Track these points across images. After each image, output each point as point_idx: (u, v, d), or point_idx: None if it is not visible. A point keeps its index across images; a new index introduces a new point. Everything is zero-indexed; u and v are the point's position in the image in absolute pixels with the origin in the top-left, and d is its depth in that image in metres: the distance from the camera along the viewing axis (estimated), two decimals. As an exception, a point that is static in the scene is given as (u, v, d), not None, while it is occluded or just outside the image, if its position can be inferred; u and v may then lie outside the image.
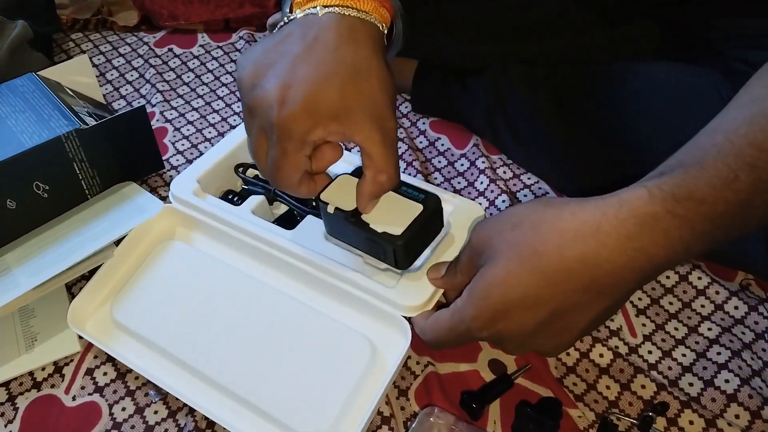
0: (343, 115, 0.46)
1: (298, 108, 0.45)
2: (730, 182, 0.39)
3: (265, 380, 0.55)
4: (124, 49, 0.99)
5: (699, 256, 0.43)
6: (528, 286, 0.42)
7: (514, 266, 0.43)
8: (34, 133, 0.67)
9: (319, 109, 0.46)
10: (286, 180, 0.50)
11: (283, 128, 0.46)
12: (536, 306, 0.43)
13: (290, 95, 0.46)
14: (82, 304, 0.61)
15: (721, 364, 0.59)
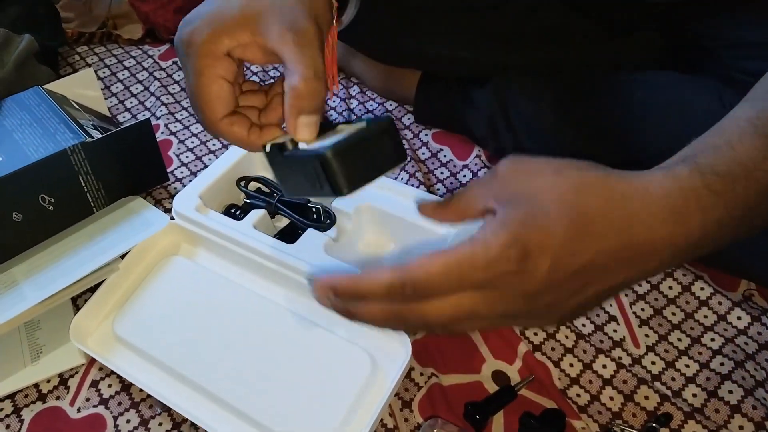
0: (251, 21, 0.45)
1: (201, 22, 0.45)
2: (759, 162, 0.38)
3: (266, 394, 0.55)
4: (128, 62, 1.00)
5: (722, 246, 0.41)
6: (566, 233, 0.37)
7: (556, 209, 0.37)
8: (40, 146, 0.67)
9: (224, 19, 0.45)
10: (207, 111, 0.46)
11: (188, 44, 0.45)
12: (568, 257, 0.37)
13: (196, 14, 0.46)
14: (84, 319, 0.62)
15: (724, 374, 0.59)
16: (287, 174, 0.47)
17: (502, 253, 0.36)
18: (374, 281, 0.37)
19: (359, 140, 0.43)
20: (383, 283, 0.37)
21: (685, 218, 0.38)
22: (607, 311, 0.64)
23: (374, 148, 0.44)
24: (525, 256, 0.36)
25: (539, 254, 0.36)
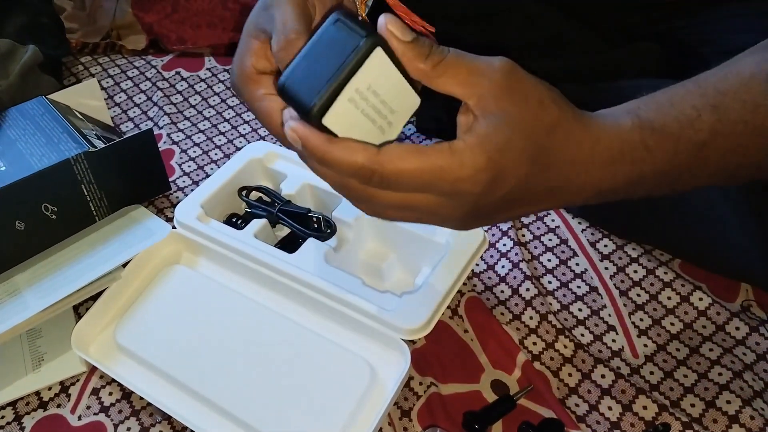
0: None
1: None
2: (693, 120, 0.41)
3: (265, 403, 0.55)
4: (132, 72, 1.00)
5: (640, 198, 0.44)
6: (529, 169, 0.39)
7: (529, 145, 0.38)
8: (44, 155, 0.68)
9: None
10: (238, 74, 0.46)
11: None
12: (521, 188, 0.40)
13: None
14: (86, 328, 0.62)
15: (722, 385, 0.59)
16: None
17: (474, 175, 0.37)
18: (345, 158, 0.37)
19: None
20: (353, 164, 0.37)
21: (616, 168, 0.41)
22: (606, 321, 0.65)
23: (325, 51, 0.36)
24: (492, 183, 0.38)
25: (503, 184, 0.38)
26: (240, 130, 0.91)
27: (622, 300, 0.66)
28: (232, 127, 0.91)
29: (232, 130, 0.91)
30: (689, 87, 0.42)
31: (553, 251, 0.71)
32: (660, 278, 0.67)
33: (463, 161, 0.37)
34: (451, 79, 0.38)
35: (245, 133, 0.90)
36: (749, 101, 0.41)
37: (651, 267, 0.68)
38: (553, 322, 0.64)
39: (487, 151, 0.37)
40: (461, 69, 0.38)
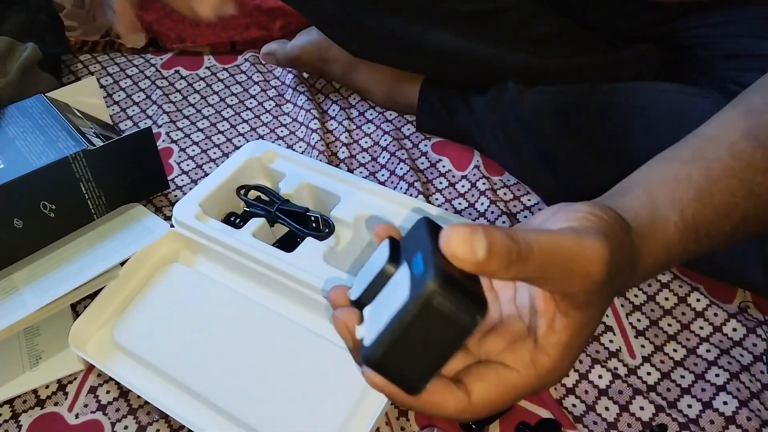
0: None
1: None
2: (730, 211, 0.41)
3: (263, 402, 0.56)
4: (131, 70, 1.00)
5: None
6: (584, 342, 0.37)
7: (598, 319, 0.37)
8: (42, 153, 0.68)
9: None
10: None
11: None
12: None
13: None
14: (83, 326, 0.62)
15: (719, 386, 0.59)
16: None
17: (555, 379, 0.36)
18: (438, 411, 0.35)
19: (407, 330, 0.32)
20: (447, 411, 0.35)
21: (656, 273, 0.42)
22: (603, 321, 0.65)
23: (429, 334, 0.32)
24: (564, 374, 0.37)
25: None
26: (239, 129, 0.91)
27: (619, 301, 0.66)
28: (230, 126, 0.91)
29: (231, 129, 0.91)
30: (726, 160, 0.41)
31: (551, 252, 0.71)
32: (658, 279, 0.67)
33: (552, 379, 0.35)
34: (541, 279, 0.33)
35: (244, 132, 0.90)
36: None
37: (649, 268, 0.68)
38: (550, 323, 0.64)
39: (573, 358, 0.36)
40: (553, 263, 0.32)
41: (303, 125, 0.90)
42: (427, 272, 0.30)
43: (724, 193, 0.41)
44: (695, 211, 0.40)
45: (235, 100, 0.95)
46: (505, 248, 0.30)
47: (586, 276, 0.32)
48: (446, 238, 0.30)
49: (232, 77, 0.99)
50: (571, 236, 0.32)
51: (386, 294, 0.34)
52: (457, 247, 0.29)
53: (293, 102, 0.94)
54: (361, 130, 0.89)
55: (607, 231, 0.34)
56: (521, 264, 0.30)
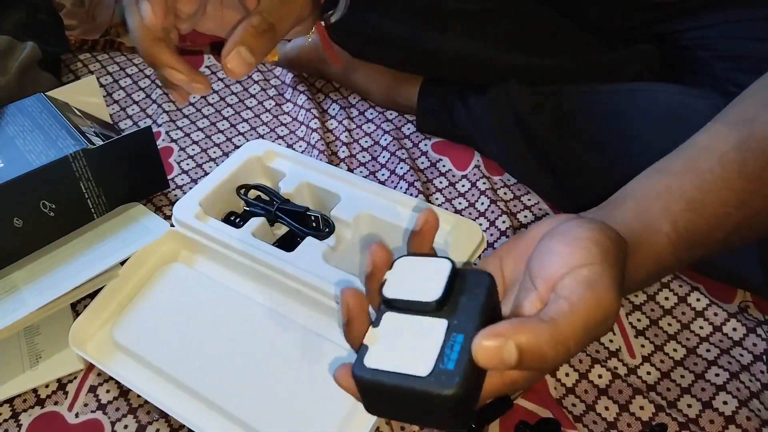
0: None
1: None
2: (722, 222, 0.41)
3: (262, 401, 0.56)
4: (131, 69, 1.00)
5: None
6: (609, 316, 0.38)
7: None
8: (42, 152, 0.68)
9: None
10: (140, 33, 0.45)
11: None
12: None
13: None
14: (83, 325, 0.62)
15: (719, 385, 0.59)
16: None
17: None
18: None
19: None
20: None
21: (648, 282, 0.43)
22: (604, 321, 0.65)
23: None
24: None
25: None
26: (239, 128, 0.91)
27: (619, 300, 0.66)
28: (231, 125, 0.91)
29: (231, 129, 0.91)
30: (717, 171, 0.42)
31: (551, 251, 0.71)
32: (657, 279, 0.67)
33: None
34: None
35: (244, 132, 0.90)
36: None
37: (649, 267, 0.68)
38: (550, 322, 0.64)
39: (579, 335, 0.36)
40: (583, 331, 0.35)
41: (303, 124, 0.90)
42: (454, 372, 0.32)
43: (716, 203, 0.41)
44: (687, 222, 0.41)
45: (235, 99, 0.95)
46: (538, 354, 0.32)
47: (608, 327, 0.36)
48: (475, 349, 0.32)
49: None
50: (591, 303, 0.34)
51: (412, 334, 0.35)
52: (485, 361, 0.31)
53: (293, 101, 0.94)
54: (361, 130, 0.89)
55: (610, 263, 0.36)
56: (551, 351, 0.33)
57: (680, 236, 0.41)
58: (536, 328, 0.33)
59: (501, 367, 0.32)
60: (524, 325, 0.32)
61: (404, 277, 0.38)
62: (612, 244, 0.37)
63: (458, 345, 0.34)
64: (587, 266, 0.36)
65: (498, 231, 0.73)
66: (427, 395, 0.32)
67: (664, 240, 0.41)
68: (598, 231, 0.37)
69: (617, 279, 0.36)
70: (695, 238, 0.41)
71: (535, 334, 0.32)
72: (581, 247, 0.36)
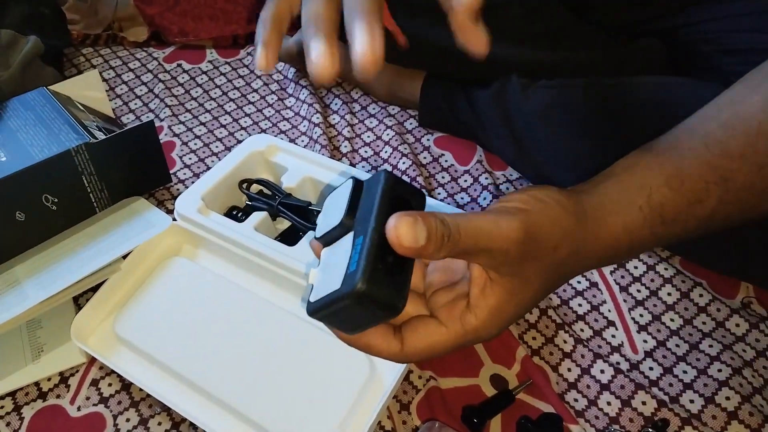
0: None
1: None
2: (702, 198, 0.41)
3: (265, 395, 0.56)
4: (133, 64, 1.00)
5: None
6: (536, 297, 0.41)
7: (543, 289, 0.40)
8: (44, 146, 0.68)
9: None
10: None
11: None
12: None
13: None
14: (85, 319, 0.62)
15: (721, 381, 0.59)
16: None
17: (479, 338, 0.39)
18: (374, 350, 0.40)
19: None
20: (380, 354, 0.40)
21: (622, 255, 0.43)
22: (606, 316, 0.65)
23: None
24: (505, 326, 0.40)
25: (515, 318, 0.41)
26: (241, 122, 0.90)
27: (622, 296, 0.66)
28: (233, 119, 0.91)
29: (234, 123, 0.90)
30: (699, 149, 0.42)
31: (553, 246, 0.71)
32: (660, 274, 0.67)
33: (478, 336, 0.39)
34: (468, 255, 0.37)
35: (246, 126, 0.90)
36: (756, 163, 0.41)
37: (651, 263, 0.68)
38: (552, 317, 0.64)
39: (501, 323, 0.39)
40: (475, 244, 0.36)
41: (305, 119, 0.89)
42: (356, 271, 0.34)
43: (695, 179, 0.42)
44: (662, 197, 0.42)
45: (238, 93, 0.95)
46: (440, 234, 0.34)
47: (504, 252, 0.36)
48: (394, 228, 0.33)
49: (234, 71, 0.99)
50: (491, 218, 0.36)
51: (333, 257, 0.38)
52: (405, 237, 0.33)
53: (295, 96, 0.94)
54: (363, 125, 0.89)
55: (535, 211, 0.38)
56: (451, 245, 0.34)
57: (653, 210, 0.42)
58: (437, 213, 0.34)
59: (413, 244, 0.33)
60: (428, 212, 0.34)
61: (326, 213, 0.40)
62: (552, 202, 0.39)
63: (359, 247, 0.35)
64: (512, 206, 0.38)
65: (500, 226, 0.73)
66: (347, 303, 0.34)
67: (636, 212, 0.42)
68: (543, 190, 0.40)
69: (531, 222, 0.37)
70: (670, 213, 0.42)
71: (438, 221, 0.34)
72: (519, 198, 0.39)
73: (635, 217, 0.42)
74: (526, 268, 0.38)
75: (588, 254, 0.41)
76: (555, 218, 0.39)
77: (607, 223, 0.42)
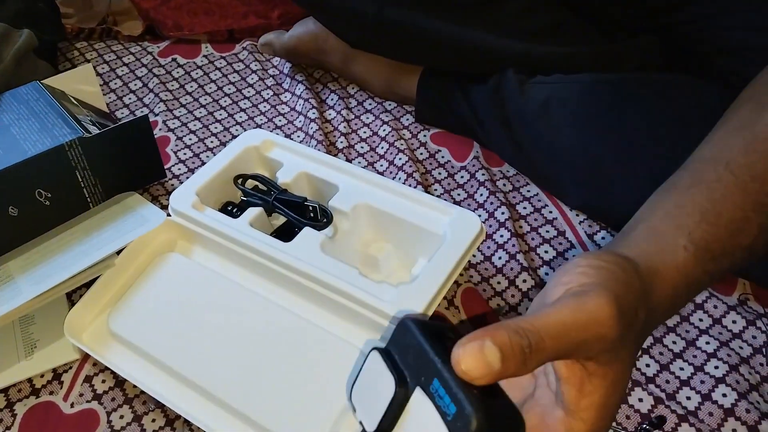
0: None
1: None
2: (742, 227, 0.40)
3: (259, 392, 0.55)
4: (128, 58, 1.00)
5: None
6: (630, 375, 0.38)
7: (633, 363, 0.38)
8: (38, 140, 0.67)
9: None
10: None
11: None
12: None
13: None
14: (79, 315, 0.61)
15: (718, 378, 0.59)
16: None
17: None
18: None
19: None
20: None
21: (682, 302, 0.41)
22: (603, 313, 0.64)
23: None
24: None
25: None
26: (236, 117, 0.90)
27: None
28: (228, 114, 0.90)
29: (229, 118, 0.90)
30: (726, 178, 0.41)
31: (550, 243, 0.71)
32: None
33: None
34: (562, 356, 0.33)
35: (242, 121, 0.89)
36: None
37: (648, 260, 0.68)
38: (549, 314, 0.64)
39: (611, 417, 0.36)
40: (567, 341, 0.32)
41: (301, 114, 0.89)
42: (460, 412, 0.30)
43: (732, 209, 0.40)
44: (704, 233, 0.40)
45: (233, 88, 0.95)
46: (518, 348, 0.30)
47: (602, 338, 0.32)
48: (458, 362, 0.29)
49: (229, 66, 0.99)
50: (574, 306, 0.32)
51: (414, 428, 0.33)
52: (473, 369, 0.29)
53: (291, 91, 0.93)
54: (359, 120, 0.88)
55: (607, 279, 0.34)
56: (537, 356, 0.30)
57: (698, 248, 0.40)
58: (509, 324, 0.31)
59: (487, 372, 0.29)
60: (497, 325, 0.31)
61: (366, 403, 0.37)
62: (614, 266, 0.36)
63: (442, 389, 0.31)
64: (580, 285, 0.34)
65: (497, 222, 0.73)
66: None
67: (682, 253, 0.40)
68: (595, 257, 0.36)
69: (614, 293, 0.33)
70: (716, 247, 0.40)
71: (512, 333, 0.30)
72: (578, 273, 0.35)
73: (684, 257, 0.39)
74: (622, 349, 0.34)
75: (657, 309, 0.38)
76: (625, 282, 0.35)
77: (659, 271, 0.39)
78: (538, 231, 0.72)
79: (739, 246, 0.41)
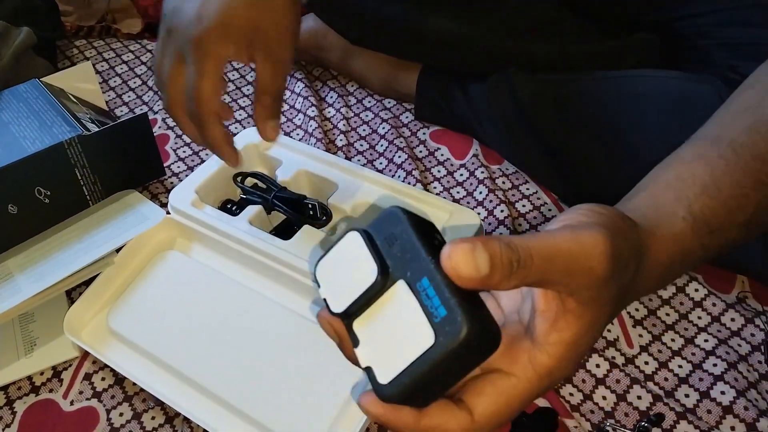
0: (252, 34, 0.52)
1: (214, 23, 0.51)
2: (741, 203, 0.40)
3: (258, 390, 0.55)
4: (127, 56, 0.99)
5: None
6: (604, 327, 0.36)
7: (611, 317, 0.36)
8: (37, 138, 0.67)
9: (232, 25, 0.52)
10: (206, 105, 0.53)
11: (200, 43, 0.51)
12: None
13: (205, 13, 0.51)
14: (78, 312, 0.62)
15: (717, 375, 0.59)
16: None
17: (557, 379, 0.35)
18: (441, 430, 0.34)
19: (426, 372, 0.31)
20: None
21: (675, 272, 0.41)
22: (602, 311, 0.65)
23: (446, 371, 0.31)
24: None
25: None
26: (236, 115, 0.90)
27: (617, 290, 0.66)
28: (227, 112, 0.90)
29: (228, 116, 0.90)
30: (728, 156, 0.41)
31: (549, 241, 0.71)
32: (656, 269, 0.67)
33: (554, 379, 0.34)
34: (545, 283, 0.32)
35: (241, 119, 0.89)
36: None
37: (647, 257, 0.68)
38: (548, 312, 0.64)
39: (578, 358, 0.35)
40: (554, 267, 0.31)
41: (300, 112, 0.89)
42: (450, 315, 0.29)
43: (731, 186, 0.41)
44: (703, 206, 0.40)
45: (232, 86, 0.95)
46: (506, 259, 0.29)
47: (588, 271, 0.31)
48: (448, 258, 0.29)
49: (229, 64, 0.98)
50: (568, 234, 0.32)
51: (384, 323, 0.32)
52: (462, 266, 0.29)
53: (290, 88, 0.93)
54: (359, 118, 0.88)
55: (606, 223, 0.34)
56: (523, 272, 0.30)
57: (697, 220, 0.40)
58: (502, 237, 0.30)
59: (475, 273, 0.29)
60: (490, 236, 0.30)
61: (334, 281, 0.35)
62: (614, 215, 0.35)
63: (432, 290, 0.30)
64: (579, 222, 0.34)
65: (496, 220, 0.73)
66: (451, 355, 0.29)
67: (681, 223, 0.40)
68: (598, 206, 0.35)
69: (610, 234, 0.32)
70: (714, 221, 0.40)
71: (504, 244, 0.29)
72: (579, 213, 0.35)
73: (682, 227, 0.39)
74: (605, 292, 0.33)
75: (647, 273, 0.38)
76: (623, 230, 0.35)
77: (656, 236, 0.38)
78: (537, 229, 0.72)
79: (735, 222, 0.41)
